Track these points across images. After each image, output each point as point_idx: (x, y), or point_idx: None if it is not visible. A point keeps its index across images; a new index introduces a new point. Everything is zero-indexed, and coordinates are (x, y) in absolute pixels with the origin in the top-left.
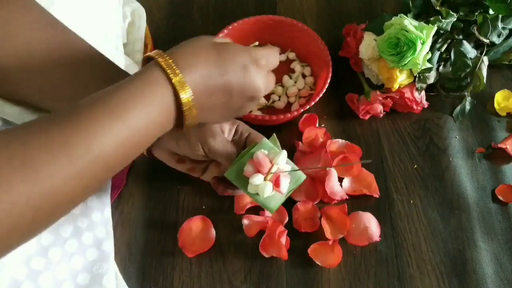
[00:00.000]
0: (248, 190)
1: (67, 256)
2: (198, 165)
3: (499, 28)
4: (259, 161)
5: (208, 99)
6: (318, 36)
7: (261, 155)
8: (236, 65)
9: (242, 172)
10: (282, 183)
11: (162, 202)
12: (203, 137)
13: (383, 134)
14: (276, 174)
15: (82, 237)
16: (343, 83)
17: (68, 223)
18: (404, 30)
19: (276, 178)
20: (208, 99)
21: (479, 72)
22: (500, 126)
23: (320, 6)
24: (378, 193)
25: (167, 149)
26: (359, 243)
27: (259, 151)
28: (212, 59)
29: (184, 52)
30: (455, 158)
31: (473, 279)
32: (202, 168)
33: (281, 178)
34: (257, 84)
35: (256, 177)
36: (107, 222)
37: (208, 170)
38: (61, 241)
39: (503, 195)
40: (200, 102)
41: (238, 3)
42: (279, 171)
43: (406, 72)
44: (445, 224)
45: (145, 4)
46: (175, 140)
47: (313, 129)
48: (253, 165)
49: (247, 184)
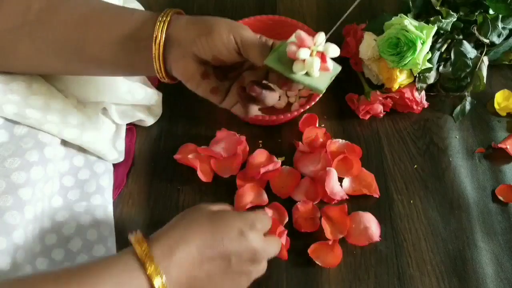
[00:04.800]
0: (293, 70)
1: (71, 256)
2: (222, 85)
3: (499, 28)
4: (301, 37)
5: (202, 269)
6: None
7: (302, 33)
8: (232, 231)
9: (284, 57)
10: (328, 59)
11: (162, 202)
12: (235, 28)
13: (383, 134)
14: (321, 51)
15: (86, 235)
16: (343, 83)
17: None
18: (404, 30)
19: (322, 53)
20: (202, 269)
21: (479, 72)
22: (500, 126)
23: (320, 6)
24: (378, 193)
25: (192, 57)
26: (359, 243)
27: (299, 31)
28: (207, 230)
29: (174, 229)
30: (455, 158)
31: (473, 279)
32: (225, 89)
33: (327, 54)
34: (253, 246)
35: (303, 51)
36: (109, 220)
37: (229, 93)
38: (64, 241)
39: (503, 195)
40: (191, 274)
41: (238, 3)
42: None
43: (406, 72)
44: (445, 224)
45: (145, 4)
46: (203, 37)
47: (313, 129)
48: (296, 45)
49: (290, 68)
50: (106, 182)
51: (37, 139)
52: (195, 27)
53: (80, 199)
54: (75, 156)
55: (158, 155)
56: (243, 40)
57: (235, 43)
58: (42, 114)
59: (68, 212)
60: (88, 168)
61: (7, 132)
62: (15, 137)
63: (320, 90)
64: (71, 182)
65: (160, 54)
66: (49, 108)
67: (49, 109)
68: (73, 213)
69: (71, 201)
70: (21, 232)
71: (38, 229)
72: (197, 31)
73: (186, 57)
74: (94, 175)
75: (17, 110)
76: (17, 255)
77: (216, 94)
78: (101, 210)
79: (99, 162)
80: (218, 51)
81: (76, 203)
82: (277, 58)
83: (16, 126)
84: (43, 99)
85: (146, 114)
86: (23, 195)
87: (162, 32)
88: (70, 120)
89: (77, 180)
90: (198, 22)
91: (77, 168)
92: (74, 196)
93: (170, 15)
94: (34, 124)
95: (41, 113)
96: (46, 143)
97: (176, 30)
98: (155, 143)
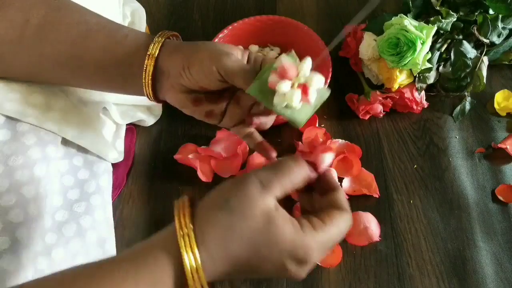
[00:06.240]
0: (274, 102)
1: (70, 256)
2: (217, 107)
3: (499, 28)
4: (284, 67)
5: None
6: (318, 36)
7: (285, 61)
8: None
9: (266, 86)
10: (311, 91)
11: (162, 202)
12: (216, 58)
13: (383, 134)
14: (303, 82)
15: (85, 236)
16: (343, 83)
17: (72, 222)
18: (404, 30)
19: (304, 85)
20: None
21: (479, 72)
22: (500, 126)
23: (320, 6)
24: (378, 193)
25: (179, 87)
26: (359, 243)
27: (284, 57)
28: (244, 257)
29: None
30: (455, 158)
31: (473, 279)
32: (220, 111)
33: (309, 86)
34: (302, 277)
35: (283, 83)
36: (109, 221)
37: (226, 113)
38: (65, 241)
39: (503, 195)
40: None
41: (238, 3)
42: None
43: (406, 72)
44: (445, 224)
45: (145, 4)
46: (187, 69)
47: (313, 129)
48: (278, 75)
49: (272, 98)
50: (105, 182)
51: (39, 136)
52: (180, 58)
53: (79, 199)
54: (74, 156)
55: (158, 155)
56: (226, 70)
57: (218, 73)
58: (42, 112)
59: (68, 212)
60: (87, 168)
61: (9, 130)
62: (18, 133)
63: (298, 124)
64: (71, 181)
65: (149, 83)
66: (49, 106)
67: (50, 108)
68: (73, 213)
69: (71, 201)
70: (24, 231)
71: (39, 228)
72: (181, 62)
73: (175, 87)
74: (94, 175)
75: (17, 108)
76: (20, 255)
77: (211, 117)
78: (100, 211)
79: (98, 162)
80: (202, 82)
81: (76, 203)
82: (259, 87)
83: (19, 123)
84: (43, 98)
85: (146, 114)
86: (26, 193)
87: (150, 64)
88: (70, 119)
89: (77, 180)
90: (183, 51)
91: (76, 167)
92: (74, 196)
93: (161, 44)
94: (34, 122)
95: (41, 111)
96: (48, 141)
97: (164, 61)
98: (155, 143)
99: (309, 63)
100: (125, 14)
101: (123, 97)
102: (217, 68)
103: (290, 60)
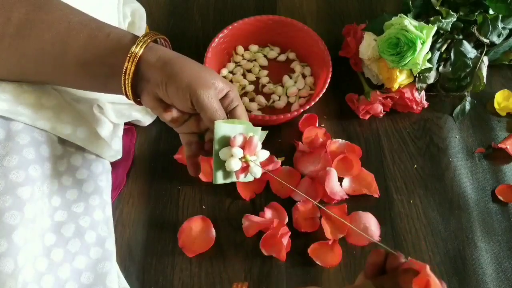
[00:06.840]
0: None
1: (70, 256)
2: (182, 117)
3: (499, 28)
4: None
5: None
6: (318, 36)
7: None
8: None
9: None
10: (252, 165)
11: (162, 202)
12: (194, 86)
13: (383, 134)
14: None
15: (84, 236)
16: (343, 83)
17: (70, 222)
18: (404, 30)
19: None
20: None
21: (479, 72)
22: (500, 126)
23: (320, 6)
24: (378, 193)
25: (155, 96)
26: (359, 243)
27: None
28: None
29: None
30: (455, 158)
31: (473, 279)
32: (184, 120)
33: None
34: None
35: (233, 162)
36: (108, 220)
37: (186, 123)
38: (63, 242)
39: (503, 195)
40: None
41: (238, 3)
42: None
43: (406, 72)
44: (445, 224)
45: (145, 4)
46: (164, 85)
47: (313, 129)
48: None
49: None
50: (104, 182)
51: (32, 136)
52: (160, 72)
53: (78, 199)
54: (72, 155)
55: (158, 155)
56: (198, 102)
57: (190, 101)
58: (34, 111)
59: (67, 212)
60: (86, 168)
61: (3, 130)
62: (12, 132)
63: (214, 180)
64: (69, 181)
65: (129, 84)
66: (41, 104)
67: (42, 106)
68: (72, 214)
69: (70, 201)
70: (21, 232)
71: (38, 229)
72: (161, 76)
73: (151, 94)
74: (92, 175)
75: (8, 107)
76: (18, 257)
77: (175, 123)
78: (99, 211)
79: (97, 162)
80: (175, 102)
81: (74, 203)
82: (221, 170)
83: (12, 122)
84: (35, 96)
85: (142, 113)
86: (22, 194)
87: (132, 66)
88: (63, 117)
89: (75, 180)
90: (165, 66)
91: (75, 167)
92: (72, 196)
93: (147, 44)
94: (27, 120)
95: (33, 110)
96: (42, 141)
97: (145, 67)
98: (155, 143)
99: (265, 155)
100: (125, 14)
101: (117, 96)
102: (191, 98)
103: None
